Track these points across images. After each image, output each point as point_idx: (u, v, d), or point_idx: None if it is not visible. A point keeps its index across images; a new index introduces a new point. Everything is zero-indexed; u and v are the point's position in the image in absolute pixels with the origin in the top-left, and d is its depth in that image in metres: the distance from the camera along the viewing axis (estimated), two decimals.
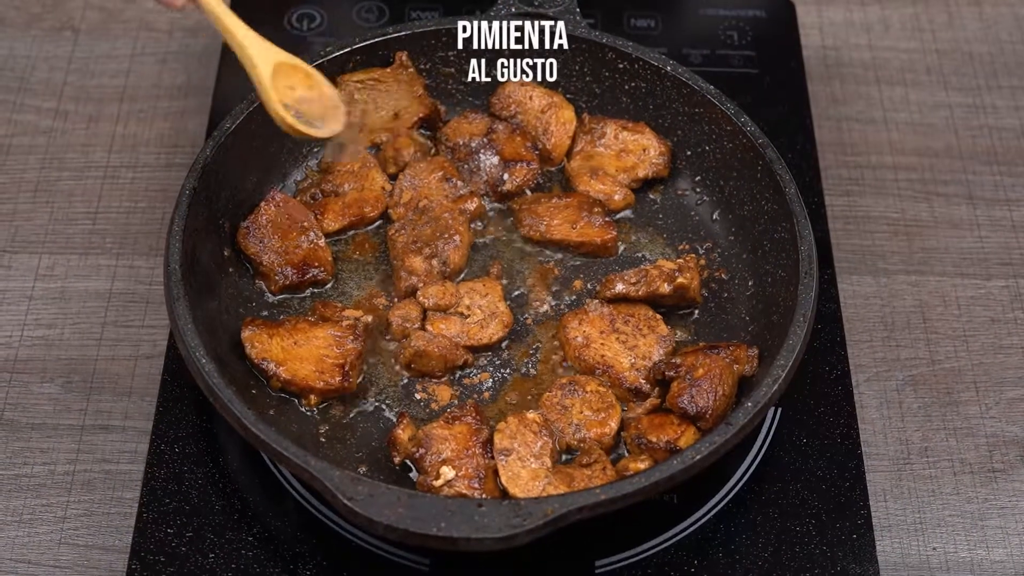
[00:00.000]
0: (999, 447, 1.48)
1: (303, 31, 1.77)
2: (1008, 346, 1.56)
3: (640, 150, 1.55)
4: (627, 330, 1.41)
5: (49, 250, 1.59)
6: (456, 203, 1.50)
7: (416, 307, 1.43)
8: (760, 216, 1.48)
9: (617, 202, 1.54)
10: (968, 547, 1.41)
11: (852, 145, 1.73)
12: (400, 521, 1.16)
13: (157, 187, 1.66)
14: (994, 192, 1.69)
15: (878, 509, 1.42)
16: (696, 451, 1.24)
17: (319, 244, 1.47)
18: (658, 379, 1.38)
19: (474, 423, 1.34)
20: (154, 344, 1.51)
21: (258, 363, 1.37)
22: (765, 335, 1.40)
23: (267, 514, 1.36)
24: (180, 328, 1.30)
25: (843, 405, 1.46)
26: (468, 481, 1.30)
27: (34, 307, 1.55)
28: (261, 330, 1.38)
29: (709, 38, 1.77)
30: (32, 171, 1.67)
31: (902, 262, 1.62)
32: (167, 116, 1.73)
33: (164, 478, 1.37)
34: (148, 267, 1.58)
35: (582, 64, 1.59)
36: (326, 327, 1.39)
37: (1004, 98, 1.79)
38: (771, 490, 1.40)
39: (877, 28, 1.87)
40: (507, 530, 1.16)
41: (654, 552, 1.35)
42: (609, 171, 1.55)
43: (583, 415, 1.36)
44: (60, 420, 1.46)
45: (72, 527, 1.39)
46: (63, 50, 1.79)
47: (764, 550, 1.36)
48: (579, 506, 1.19)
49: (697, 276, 1.44)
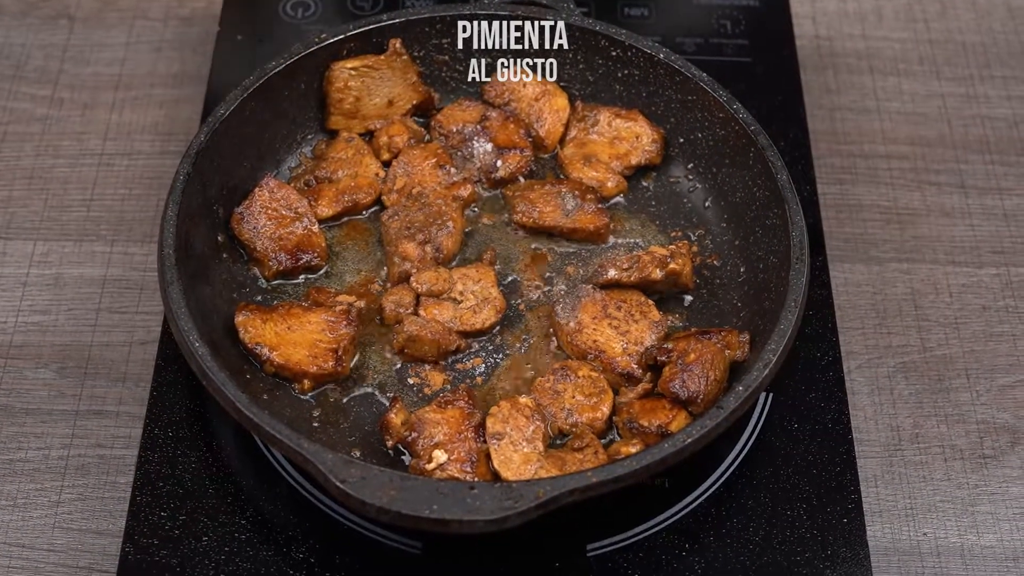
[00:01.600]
0: (990, 434, 1.48)
1: (297, 19, 1.77)
2: (999, 334, 1.56)
3: (633, 137, 1.56)
4: (619, 316, 1.42)
5: (44, 237, 1.60)
6: (449, 190, 1.51)
7: (409, 293, 1.44)
8: (752, 202, 1.48)
9: (610, 189, 1.54)
10: (958, 532, 1.41)
11: (845, 134, 1.74)
12: (392, 503, 1.17)
13: (151, 174, 1.66)
14: (986, 181, 1.70)
15: (869, 495, 1.43)
16: (687, 435, 1.25)
17: (312, 230, 1.47)
18: (650, 364, 1.39)
19: (466, 407, 1.34)
20: (148, 330, 1.52)
21: (252, 348, 1.37)
22: (757, 321, 1.41)
23: (260, 498, 1.37)
24: (174, 312, 1.30)
25: (834, 391, 1.47)
26: (460, 465, 1.30)
27: (29, 293, 1.55)
28: (255, 315, 1.39)
29: (702, 26, 1.77)
30: (27, 158, 1.67)
31: (894, 250, 1.63)
32: (162, 104, 1.73)
33: (158, 462, 1.38)
34: (142, 254, 1.58)
35: (575, 52, 1.59)
36: (319, 312, 1.40)
37: (996, 88, 1.79)
38: (762, 475, 1.40)
39: (871, 18, 1.87)
40: (499, 512, 1.17)
41: (646, 536, 1.35)
42: (602, 158, 1.55)
43: (575, 400, 1.37)
44: (54, 405, 1.46)
45: (66, 511, 1.39)
46: (59, 38, 1.80)
47: (755, 534, 1.36)
48: (570, 488, 1.19)
49: (689, 262, 1.45)
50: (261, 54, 1.71)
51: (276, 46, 1.71)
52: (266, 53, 1.67)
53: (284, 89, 1.52)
